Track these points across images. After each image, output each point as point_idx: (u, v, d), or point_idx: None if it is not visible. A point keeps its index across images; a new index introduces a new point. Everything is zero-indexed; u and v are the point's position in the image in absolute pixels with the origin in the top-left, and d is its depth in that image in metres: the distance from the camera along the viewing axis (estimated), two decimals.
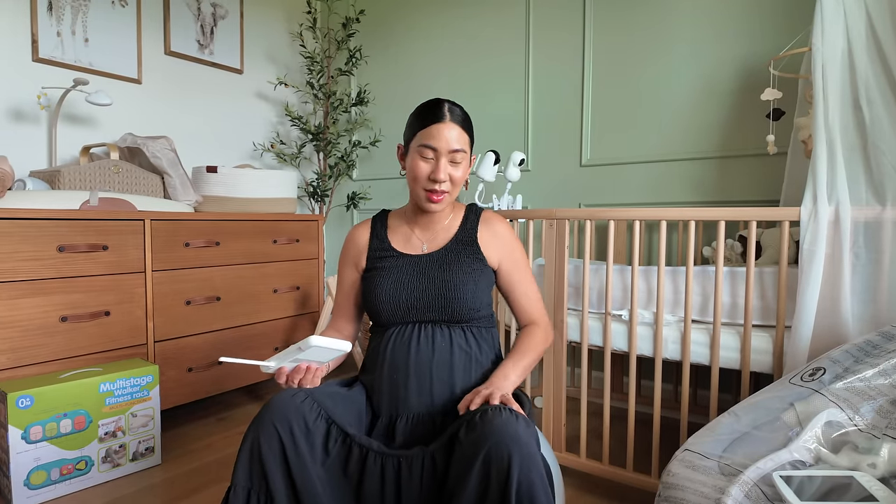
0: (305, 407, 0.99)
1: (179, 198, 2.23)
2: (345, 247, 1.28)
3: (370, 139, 3.29)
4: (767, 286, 1.49)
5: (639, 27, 2.40)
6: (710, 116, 2.26)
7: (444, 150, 1.11)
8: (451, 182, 1.14)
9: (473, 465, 0.87)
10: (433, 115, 1.11)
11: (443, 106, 1.12)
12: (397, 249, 1.21)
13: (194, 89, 2.86)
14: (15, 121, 2.24)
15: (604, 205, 2.52)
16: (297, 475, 0.95)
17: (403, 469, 0.97)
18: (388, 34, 3.21)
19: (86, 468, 1.70)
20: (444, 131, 1.10)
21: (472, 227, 1.22)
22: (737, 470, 0.96)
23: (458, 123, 1.12)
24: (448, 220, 1.24)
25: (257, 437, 0.96)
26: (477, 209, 1.27)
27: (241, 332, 2.35)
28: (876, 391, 1.05)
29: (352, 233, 1.28)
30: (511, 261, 1.23)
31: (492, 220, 1.24)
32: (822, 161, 1.39)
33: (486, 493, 0.86)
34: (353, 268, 1.26)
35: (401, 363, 1.11)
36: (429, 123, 1.11)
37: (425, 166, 1.12)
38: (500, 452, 0.86)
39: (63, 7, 2.34)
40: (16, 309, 1.69)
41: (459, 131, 1.12)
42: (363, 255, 1.24)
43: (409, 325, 1.14)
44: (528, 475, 0.85)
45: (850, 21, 1.42)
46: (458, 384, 1.11)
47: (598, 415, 2.28)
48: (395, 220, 1.27)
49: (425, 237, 1.22)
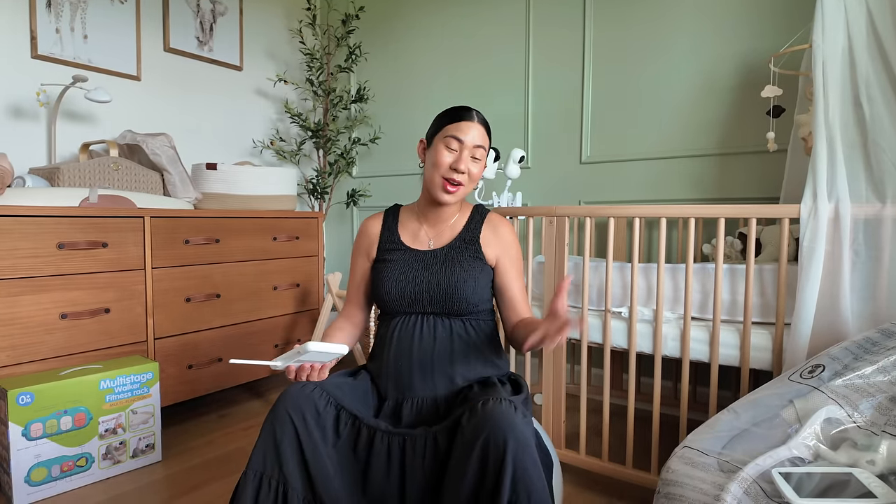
0: (315, 395, 1.08)
1: (179, 195, 2.23)
2: (358, 237, 1.36)
3: (370, 136, 3.28)
4: (767, 283, 1.49)
5: (638, 24, 2.39)
6: (710, 113, 2.25)
7: (469, 144, 1.21)
8: (469, 176, 1.22)
9: (473, 449, 0.95)
10: (462, 113, 1.23)
11: (471, 109, 1.24)
12: (405, 243, 1.29)
13: (194, 86, 2.85)
14: (14, 118, 2.24)
15: (603, 202, 2.52)
16: (310, 457, 1.03)
17: (408, 448, 1.06)
18: (388, 31, 3.21)
19: (86, 465, 1.71)
20: (472, 129, 1.21)
21: (476, 227, 1.29)
22: (736, 467, 0.96)
23: (482, 125, 1.24)
24: (455, 218, 1.31)
25: (272, 425, 1.05)
26: (483, 210, 1.34)
27: (242, 329, 2.35)
28: (875, 388, 1.05)
29: (365, 224, 1.36)
30: (507, 259, 1.29)
31: (495, 220, 1.32)
32: (822, 158, 1.39)
33: (484, 475, 0.94)
34: (364, 257, 1.34)
35: (405, 351, 1.19)
36: (458, 119, 1.22)
37: (449, 156, 1.21)
38: (497, 438, 0.94)
39: (62, 4, 2.33)
40: (16, 306, 1.69)
41: (483, 132, 1.24)
42: (374, 246, 1.32)
43: (414, 315, 1.22)
44: (523, 461, 0.93)
45: (851, 18, 1.42)
46: (457, 373, 1.19)
47: (597, 412, 2.29)
48: (406, 214, 1.35)
49: (432, 233, 1.30)
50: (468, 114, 1.22)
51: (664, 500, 1.01)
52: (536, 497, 0.92)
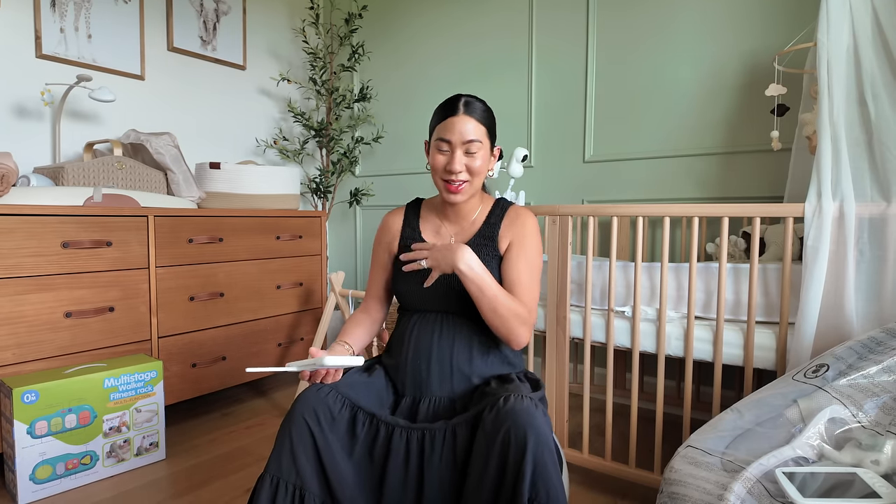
0: (330, 399, 1.09)
1: (183, 194, 2.23)
2: (379, 231, 1.35)
3: (373, 135, 3.29)
4: (771, 283, 1.48)
5: (642, 23, 2.39)
6: (714, 112, 2.25)
7: (457, 142, 1.16)
8: (470, 172, 1.18)
9: (494, 444, 0.96)
10: (448, 109, 1.17)
11: (458, 100, 1.17)
12: (426, 241, 1.27)
13: (197, 85, 2.86)
14: (19, 117, 2.25)
15: (607, 201, 2.52)
16: (327, 460, 1.03)
17: (427, 442, 1.05)
18: (391, 30, 3.21)
19: (91, 463, 1.71)
20: (458, 124, 1.16)
21: (496, 222, 1.25)
22: (739, 466, 0.96)
23: (474, 116, 1.17)
24: (476, 213, 1.28)
25: (289, 429, 1.05)
26: (504, 203, 1.29)
27: (245, 328, 2.36)
28: (880, 388, 1.04)
29: (386, 219, 1.35)
30: (518, 246, 1.22)
31: (517, 211, 1.27)
32: (826, 157, 1.38)
33: (504, 471, 0.95)
34: (385, 251, 1.33)
35: (423, 350, 1.18)
36: (444, 118, 1.17)
37: (442, 158, 1.18)
38: (518, 433, 0.94)
39: (66, 3, 2.34)
40: (21, 305, 1.70)
41: (475, 123, 1.17)
42: (395, 241, 1.31)
43: (433, 313, 1.21)
44: (542, 457, 0.94)
45: (856, 16, 1.41)
46: (475, 372, 1.18)
47: (600, 411, 2.29)
48: (427, 209, 1.33)
49: (453, 229, 1.28)
50: (453, 108, 1.16)
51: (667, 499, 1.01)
52: (555, 494, 0.93)
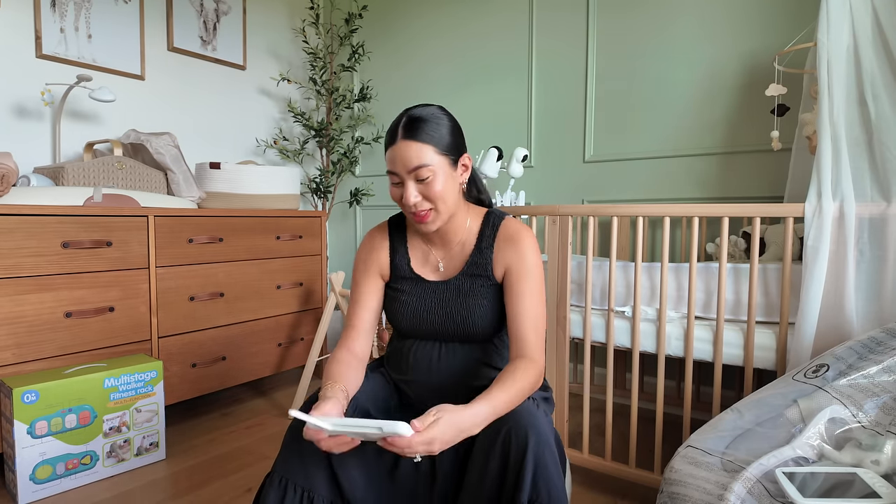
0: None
1: (183, 194, 2.23)
2: (363, 254, 1.20)
3: (373, 135, 3.29)
4: (771, 283, 1.48)
5: (642, 24, 2.39)
6: (714, 112, 2.25)
7: (403, 173, 1.03)
8: (429, 200, 1.05)
9: (495, 443, 0.96)
10: (389, 138, 1.06)
11: (398, 125, 1.04)
12: (416, 272, 1.17)
13: (197, 85, 2.86)
14: (19, 117, 2.25)
15: (607, 201, 2.52)
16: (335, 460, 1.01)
17: None
18: (391, 30, 3.21)
19: (91, 463, 1.71)
20: (399, 153, 1.02)
21: (488, 246, 1.13)
22: (740, 466, 0.96)
23: (416, 139, 1.02)
24: (464, 232, 1.15)
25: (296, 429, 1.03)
26: (496, 220, 1.16)
27: (245, 328, 2.36)
28: (880, 388, 1.04)
29: (369, 242, 1.21)
30: (514, 272, 1.10)
31: (510, 230, 1.13)
32: (826, 157, 1.38)
33: (506, 470, 0.95)
34: (376, 276, 1.19)
35: (423, 374, 1.15)
36: (387, 148, 1.06)
37: (396, 191, 1.07)
38: (519, 433, 0.94)
39: (66, 3, 2.34)
40: (21, 304, 1.70)
41: (418, 146, 1.01)
42: (386, 268, 1.20)
43: (431, 341, 1.17)
44: (543, 457, 0.94)
45: (856, 16, 1.42)
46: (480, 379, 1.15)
47: (600, 411, 2.29)
48: (412, 232, 1.20)
49: (441, 254, 1.17)
50: (392, 136, 1.04)
51: (667, 499, 1.01)
52: (556, 495, 0.92)
